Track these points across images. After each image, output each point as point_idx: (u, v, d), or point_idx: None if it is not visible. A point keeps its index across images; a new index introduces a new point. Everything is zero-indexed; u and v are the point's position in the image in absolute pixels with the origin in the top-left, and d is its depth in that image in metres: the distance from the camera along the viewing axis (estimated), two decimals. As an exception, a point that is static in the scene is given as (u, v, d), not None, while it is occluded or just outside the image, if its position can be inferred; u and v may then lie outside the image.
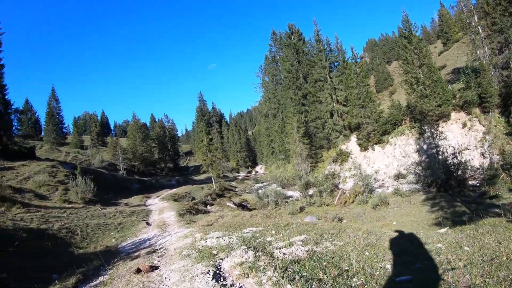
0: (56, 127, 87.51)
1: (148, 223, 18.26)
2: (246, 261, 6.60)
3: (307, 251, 7.36)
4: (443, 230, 9.72)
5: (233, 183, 63.94)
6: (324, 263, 6.36)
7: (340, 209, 27.35)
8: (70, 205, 22.77)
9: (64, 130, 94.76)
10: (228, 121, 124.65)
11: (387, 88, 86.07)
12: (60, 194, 25.87)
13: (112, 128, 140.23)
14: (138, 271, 7.32)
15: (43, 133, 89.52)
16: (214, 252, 7.90)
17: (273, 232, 10.32)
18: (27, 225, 13.98)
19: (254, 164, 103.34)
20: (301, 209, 27.42)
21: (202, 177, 76.95)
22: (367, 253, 7.24)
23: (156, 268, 7.58)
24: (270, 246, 8.17)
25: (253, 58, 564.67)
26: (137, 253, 10.28)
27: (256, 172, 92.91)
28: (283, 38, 66.25)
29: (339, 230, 9.98)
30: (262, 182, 61.47)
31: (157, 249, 10.42)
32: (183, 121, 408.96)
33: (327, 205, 29.59)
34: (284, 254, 7.21)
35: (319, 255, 6.96)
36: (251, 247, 7.87)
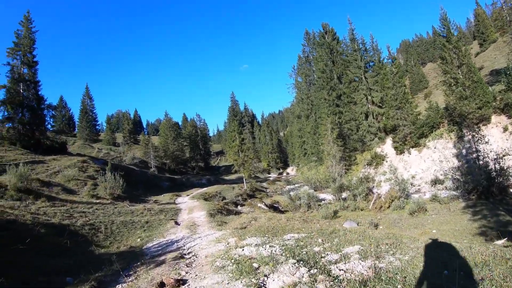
0: (89, 124, 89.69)
1: (176, 223, 17.30)
2: (300, 282, 5.36)
3: (369, 268, 6.06)
4: (500, 242, 8.91)
5: (264, 184, 63.14)
6: (399, 287, 5.07)
7: (375, 214, 26.22)
8: (97, 201, 22.00)
9: (97, 127, 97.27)
10: (260, 121, 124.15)
11: (421, 91, 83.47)
12: (89, 189, 25.39)
13: (144, 126, 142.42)
14: (162, 286, 6.20)
15: (76, 130, 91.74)
16: (255, 265, 6.64)
17: (319, 240, 9.04)
18: (48, 219, 13.07)
19: (285, 165, 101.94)
20: (335, 213, 26.51)
21: (233, 177, 76.64)
22: (446, 271, 5.78)
23: (184, 282, 6.36)
24: (322, 259, 6.90)
25: (286, 58, 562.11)
26: (162, 257, 9.16)
27: (287, 173, 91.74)
28: (317, 37, 65.06)
29: (396, 240, 8.69)
30: (293, 184, 60.92)
31: (185, 254, 9.29)
32: (214, 121, 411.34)
33: (361, 210, 28.51)
34: (343, 271, 5.95)
35: (387, 274, 5.62)
36: (301, 260, 6.67)
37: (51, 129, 45.60)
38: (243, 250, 8.19)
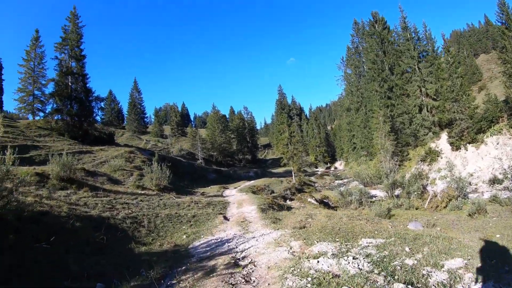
0: (137, 116, 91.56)
1: (225, 218, 16.01)
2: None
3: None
4: None
5: (312, 178, 61.90)
6: None
7: (430, 214, 24.78)
8: (143, 192, 21.01)
9: (145, 119, 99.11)
10: (308, 115, 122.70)
11: (475, 84, 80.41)
12: (135, 180, 24.93)
13: (192, 119, 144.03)
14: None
15: (125, 122, 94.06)
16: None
17: (407, 249, 7.16)
18: (87, 211, 11.84)
19: (333, 160, 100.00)
20: (388, 211, 25.45)
21: (280, 170, 75.74)
22: None
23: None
24: (429, 278, 5.25)
25: (334, 50, 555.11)
26: (212, 262, 7.65)
27: (335, 168, 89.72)
28: (366, 27, 63.54)
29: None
30: (342, 179, 59.94)
31: (239, 260, 7.76)
32: (261, 115, 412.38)
33: (416, 209, 27.32)
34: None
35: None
36: (409, 284, 5.03)
37: (99, 120, 46.91)
38: (318, 262, 6.41)
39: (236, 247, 9.46)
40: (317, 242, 8.51)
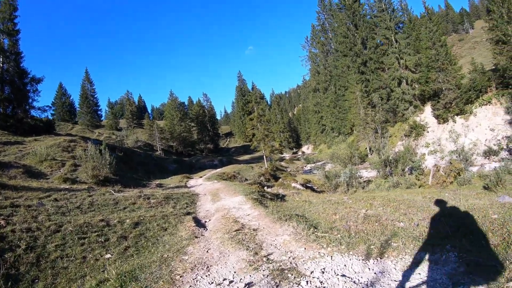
0: (90, 109, 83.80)
1: (198, 222, 9.31)
2: None
3: None
4: None
5: (282, 163, 57.36)
6: None
7: (439, 191, 21.46)
8: (69, 186, 14.48)
9: (99, 112, 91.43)
10: (269, 101, 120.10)
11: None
12: (66, 171, 18.17)
13: (149, 111, 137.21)
14: None
15: (77, 117, 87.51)
16: None
17: None
18: None
19: (298, 145, 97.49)
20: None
21: (246, 157, 72.48)
22: None
23: None
24: None
25: (292, 39, 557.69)
26: None
27: (303, 152, 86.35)
28: (333, 4, 61.67)
29: None
30: (314, 162, 56.48)
31: None
32: (221, 104, 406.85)
33: (419, 187, 23.86)
34: None
35: None
36: None
37: (36, 106, 40.07)
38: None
39: None
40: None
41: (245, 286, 4.47)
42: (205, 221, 9.49)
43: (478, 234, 5.43)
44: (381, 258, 4.99)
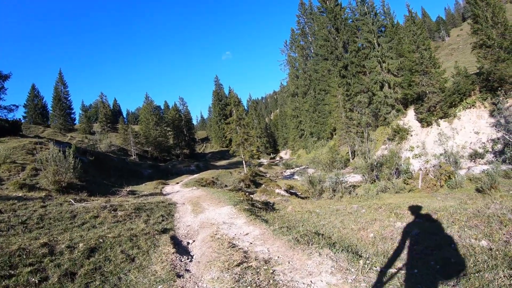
0: (63, 112, 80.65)
1: (178, 243, 7.24)
2: None
3: None
4: None
5: (261, 169, 56.31)
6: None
7: (431, 196, 20.33)
8: (23, 194, 12.23)
9: (72, 116, 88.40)
10: (246, 106, 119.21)
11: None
12: (26, 176, 16.16)
13: (124, 116, 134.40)
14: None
15: (50, 119, 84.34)
16: None
17: None
18: None
19: (275, 150, 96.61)
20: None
21: (223, 162, 70.97)
22: None
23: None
24: None
25: (269, 44, 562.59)
26: None
27: (281, 157, 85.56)
28: (315, 8, 61.84)
29: None
30: (292, 167, 55.84)
31: None
32: (197, 110, 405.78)
33: (408, 191, 22.78)
34: None
35: None
36: None
37: (2, 104, 36.17)
38: None
39: None
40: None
41: None
42: (188, 243, 7.27)
43: None
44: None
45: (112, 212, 9.56)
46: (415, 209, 8.97)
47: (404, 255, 5.38)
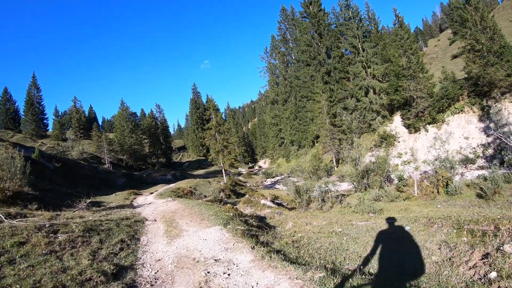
0: (35, 117, 77.37)
1: None
2: None
3: None
4: None
5: (241, 178, 54.13)
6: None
7: (429, 203, 18.61)
8: None
9: (45, 121, 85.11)
10: (224, 115, 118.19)
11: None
12: None
13: (100, 123, 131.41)
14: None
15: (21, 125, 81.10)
16: None
17: None
18: None
19: (253, 160, 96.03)
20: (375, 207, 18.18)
21: (201, 171, 68.76)
22: None
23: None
24: None
25: (247, 55, 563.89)
26: None
27: (260, 167, 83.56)
28: (296, 13, 61.83)
29: None
30: (273, 177, 54.16)
31: None
32: (174, 118, 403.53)
33: (404, 199, 21.11)
34: None
35: None
36: None
37: None
38: None
39: None
40: None
41: None
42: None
43: None
44: None
45: (50, 235, 6.48)
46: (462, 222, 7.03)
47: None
